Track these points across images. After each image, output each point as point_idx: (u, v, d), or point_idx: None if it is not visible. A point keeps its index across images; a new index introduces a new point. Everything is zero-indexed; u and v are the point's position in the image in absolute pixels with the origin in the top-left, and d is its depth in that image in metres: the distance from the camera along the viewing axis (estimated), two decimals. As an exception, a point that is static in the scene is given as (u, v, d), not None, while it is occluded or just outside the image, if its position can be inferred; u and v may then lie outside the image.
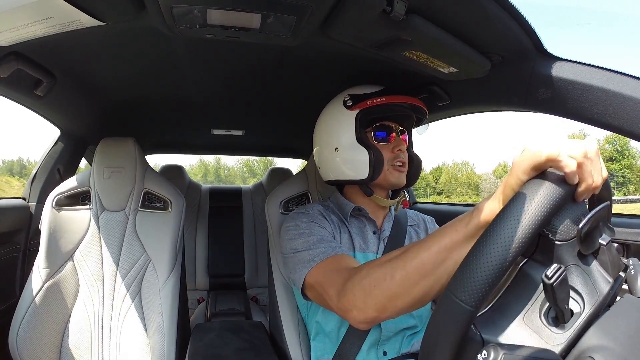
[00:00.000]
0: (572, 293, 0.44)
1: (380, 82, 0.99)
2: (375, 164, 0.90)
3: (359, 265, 0.71)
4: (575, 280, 0.44)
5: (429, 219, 1.10)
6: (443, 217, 0.66)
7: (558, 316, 0.43)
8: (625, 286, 0.48)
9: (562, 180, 0.43)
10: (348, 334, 0.88)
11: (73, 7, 0.62)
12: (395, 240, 0.96)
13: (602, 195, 0.49)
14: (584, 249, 0.44)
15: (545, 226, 0.45)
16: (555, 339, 0.42)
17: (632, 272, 0.47)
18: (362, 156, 0.90)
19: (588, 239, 0.44)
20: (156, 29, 0.74)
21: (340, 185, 1.05)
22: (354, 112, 0.92)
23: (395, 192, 1.01)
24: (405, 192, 1.05)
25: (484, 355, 0.40)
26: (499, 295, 0.47)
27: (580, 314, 0.43)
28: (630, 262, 0.48)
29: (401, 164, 0.94)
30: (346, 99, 0.94)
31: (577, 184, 0.44)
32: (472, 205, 0.67)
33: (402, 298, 0.59)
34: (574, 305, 0.44)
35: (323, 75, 1.05)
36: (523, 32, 0.72)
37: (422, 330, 0.94)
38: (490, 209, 0.52)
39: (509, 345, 0.41)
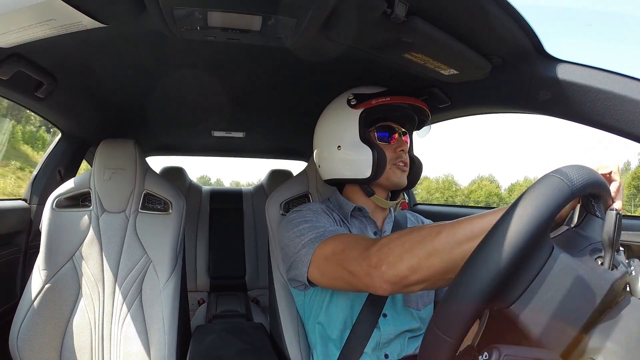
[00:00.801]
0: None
1: (381, 84, 0.99)
2: (379, 163, 0.90)
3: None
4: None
5: (428, 222, 1.10)
6: (444, 219, 0.66)
7: (605, 262, 0.47)
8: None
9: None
10: (351, 336, 0.88)
11: (74, 9, 0.63)
12: None
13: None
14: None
15: (589, 193, 0.50)
16: (606, 276, 0.45)
17: (633, 273, 0.47)
18: (365, 155, 0.90)
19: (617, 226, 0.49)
20: (157, 31, 0.74)
21: (340, 185, 1.05)
22: (358, 111, 0.92)
23: (394, 194, 1.01)
24: (405, 195, 1.05)
25: (485, 356, 0.40)
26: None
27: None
28: (632, 262, 0.48)
29: (403, 164, 0.94)
30: (350, 97, 0.94)
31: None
32: (477, 207, 0.68)
33: (442, 256, 0.58)
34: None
35: (324, 76, 1.06)
36: (523, 34, 0.72)
37: None
38: None
39: (510, 347, 0.41)
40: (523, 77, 0.80)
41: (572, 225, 0.53)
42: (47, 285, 1.09)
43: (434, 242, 0.60)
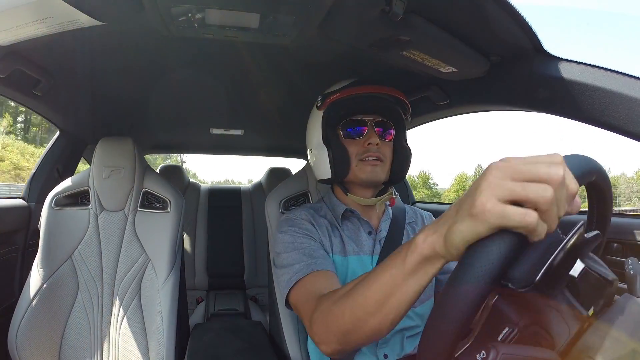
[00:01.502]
0: (539, 337, 0.43)
1: (379, 82, 0.98)
2: (336, 162, 0.88)
3: (322, 295, 0.69)
4: (543, 321, 0.43)
5: (427, 215, 1.07)
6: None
7: None
8: (624, 285, 0.48)
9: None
10: None
11: (72, 6, 0.62)
12: (392, 241, 0.93)
13: (602, 188, 0.48)
14: (547, 293, 0.43)
15: (501, 279, 0.40)
16: None
17: (632, 271, 0.47)
18: (326, 155, 0.90)
19: (552, 280, 0.41)
20: (155, 29, 0.74)
21: (332, 185, 1.02)
22: (322, 112, 0.91)
23: (383, 190, 0.96)
24: (397, 190, 1.01)
25: (483, 355, 0.40)
26: (477, 331, 0.46)
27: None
28: (629, 261, 0.48)
29: (374, 158, 0.87)
30: (318, 99, 0.93)
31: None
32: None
33: (356, 334, 0.59)
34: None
35: (322, 74, 1.05)
36: (522, 32, 0.72)
37: None
38: (430, 242, 0.45)
39: (508, 345, 0.41)
40: (522, 75, 0.80)
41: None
42: (45, 284, 1.09)
43: (344, 323, 0.59)
